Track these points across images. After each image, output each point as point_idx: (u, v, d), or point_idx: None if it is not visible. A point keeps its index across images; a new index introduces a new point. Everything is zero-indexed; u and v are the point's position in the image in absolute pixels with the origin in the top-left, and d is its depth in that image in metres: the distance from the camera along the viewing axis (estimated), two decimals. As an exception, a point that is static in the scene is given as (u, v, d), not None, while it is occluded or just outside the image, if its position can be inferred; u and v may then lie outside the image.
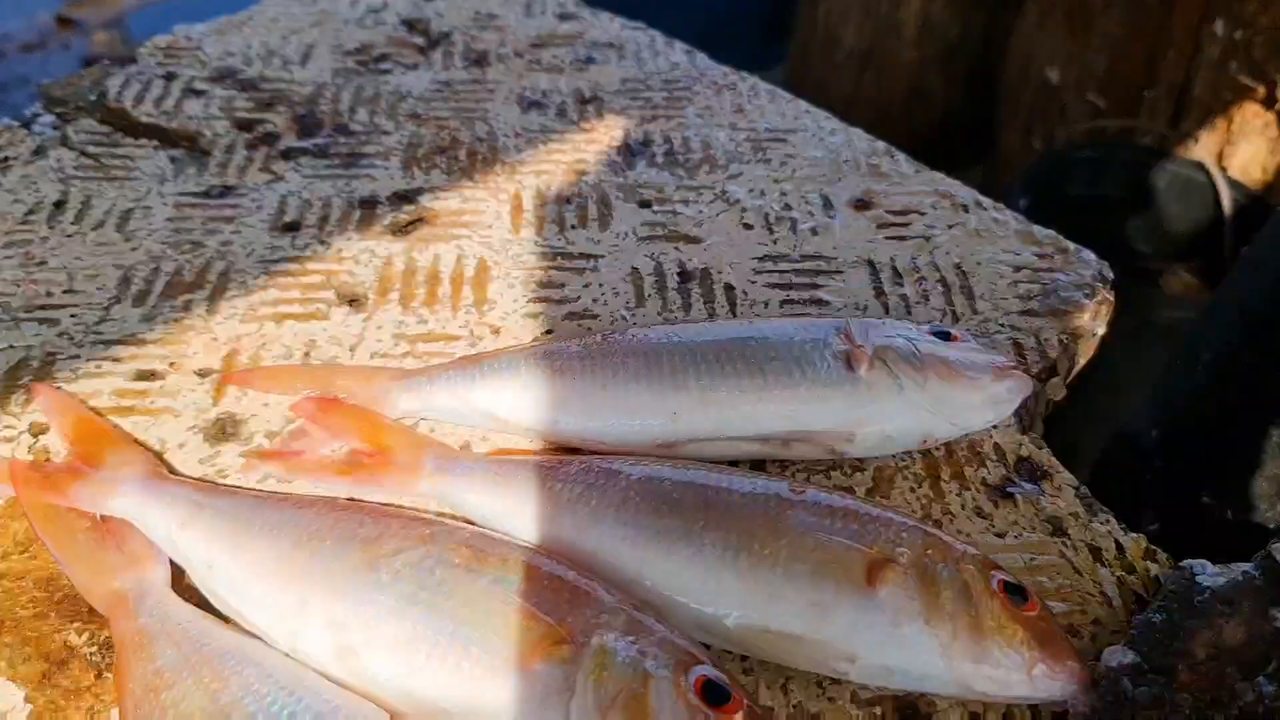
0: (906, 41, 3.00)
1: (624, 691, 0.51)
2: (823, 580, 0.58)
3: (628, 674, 0.52)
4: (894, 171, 0.97)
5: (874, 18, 3.02)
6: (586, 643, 0.53)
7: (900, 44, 3.01)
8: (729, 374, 0.69)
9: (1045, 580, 0.66)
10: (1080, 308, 0.84)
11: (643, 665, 0.52)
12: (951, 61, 3.03)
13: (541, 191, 0.92)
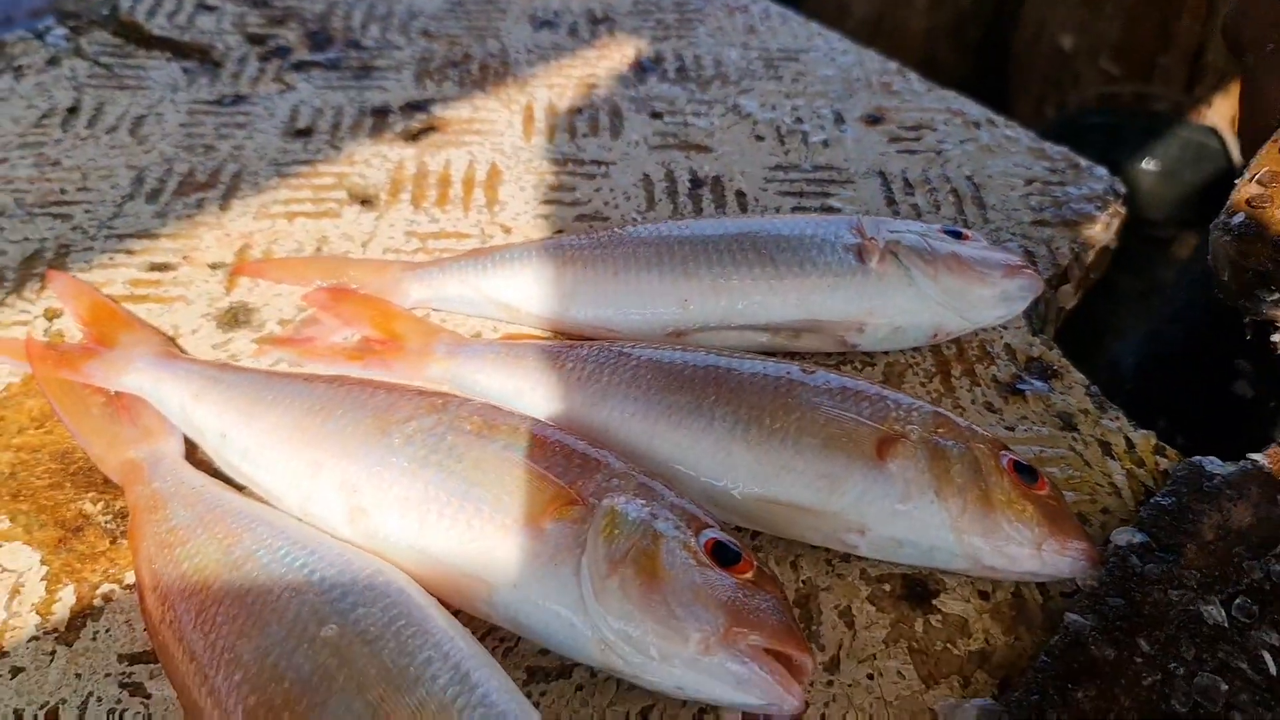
0: (917, 10, 2.99)
1: (635, 547, 0.52)
2: (833, 453, 0.58)
3: (639, 532, 0.52)
4: (906, 89, 0.97)
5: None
6: (597, 504, 0.53)
7: (910, 12, 3.00)
8: (740, 263, 0.69)
9: (1055, 471, 0.66)
10: (1091, 219, 0.84)
11: (653, 525, 0.53)
12: (962, 30, 3.02)
13: (553, 103, 0.92)
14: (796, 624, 0.52)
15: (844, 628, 0.57)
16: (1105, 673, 0.53)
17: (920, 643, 0.57)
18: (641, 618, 0.50)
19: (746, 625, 0.50)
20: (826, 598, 0.58)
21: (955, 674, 0.55)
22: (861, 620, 0.57)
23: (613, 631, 0.51)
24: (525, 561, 0.53)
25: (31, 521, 0.59)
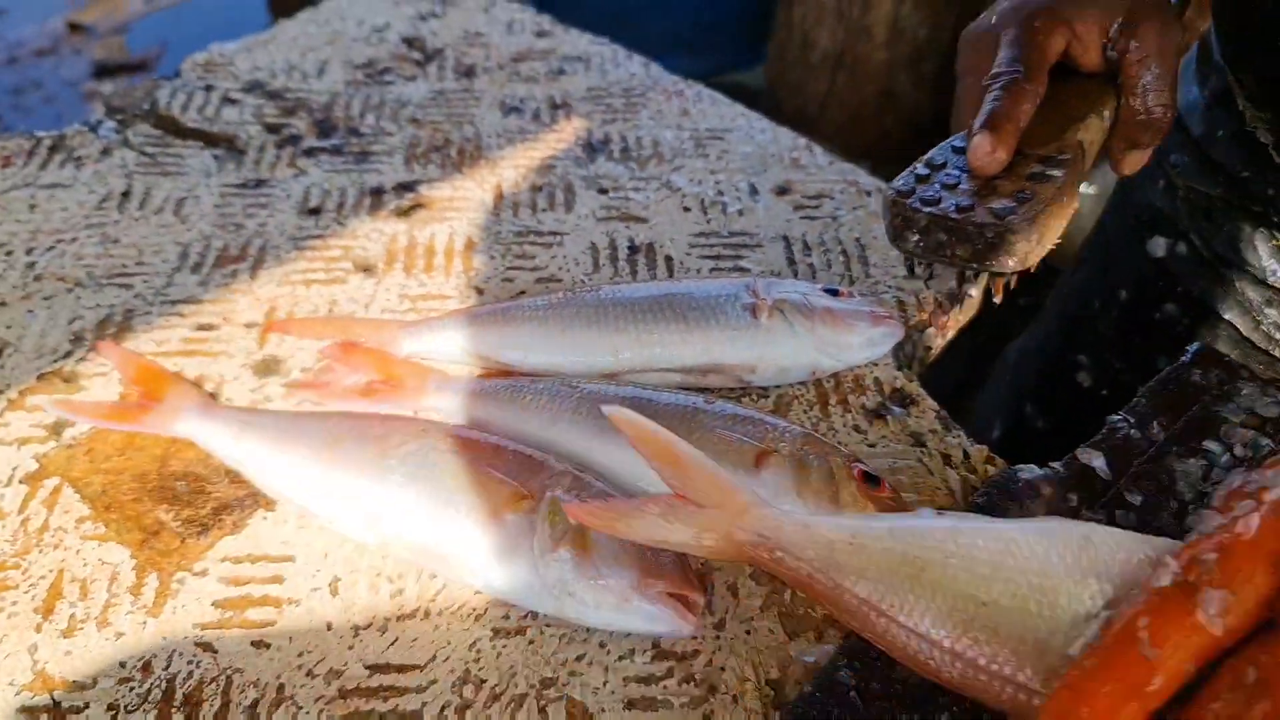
0: (877, 44, 3.19)
1: (572, 527, 0.72)
2: (722, 464, 0.78)
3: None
4: (811, 163, 1.17)
5: (845, 20, 3.20)
6: (543, 497, 0.74)
7: (871, 46, 3.20)
8: (659, 320, 0.89)
9: (904, 479, 0.86)
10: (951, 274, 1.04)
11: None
12: (920, 62, 3.22)
13: (518, 181, 1.12)
14: (692, 574, 0.72)
15: (730, 598, 0.77)
16: (919, 622, 0.73)
17: (787, 608, 0.76)
18: (578, 578, 0.71)
19: (654, 577, 0.71)
20: (719, 576, 0.78)
21: (812, 629, 0.75)
22: (744, 592, 0.77)
23: (559, 590, 0.71)
24: (494, 544, 0.73)
25: (121, 527, 0.79)
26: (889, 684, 0.69)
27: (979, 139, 0.76)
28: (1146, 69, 0.80)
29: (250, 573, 0.77)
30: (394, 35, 1.36)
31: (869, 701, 0.68)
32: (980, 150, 0.76)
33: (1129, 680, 0.48)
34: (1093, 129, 0.82)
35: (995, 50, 0.82)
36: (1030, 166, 0.78)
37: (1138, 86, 0.81)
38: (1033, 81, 0.78)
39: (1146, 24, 0.80)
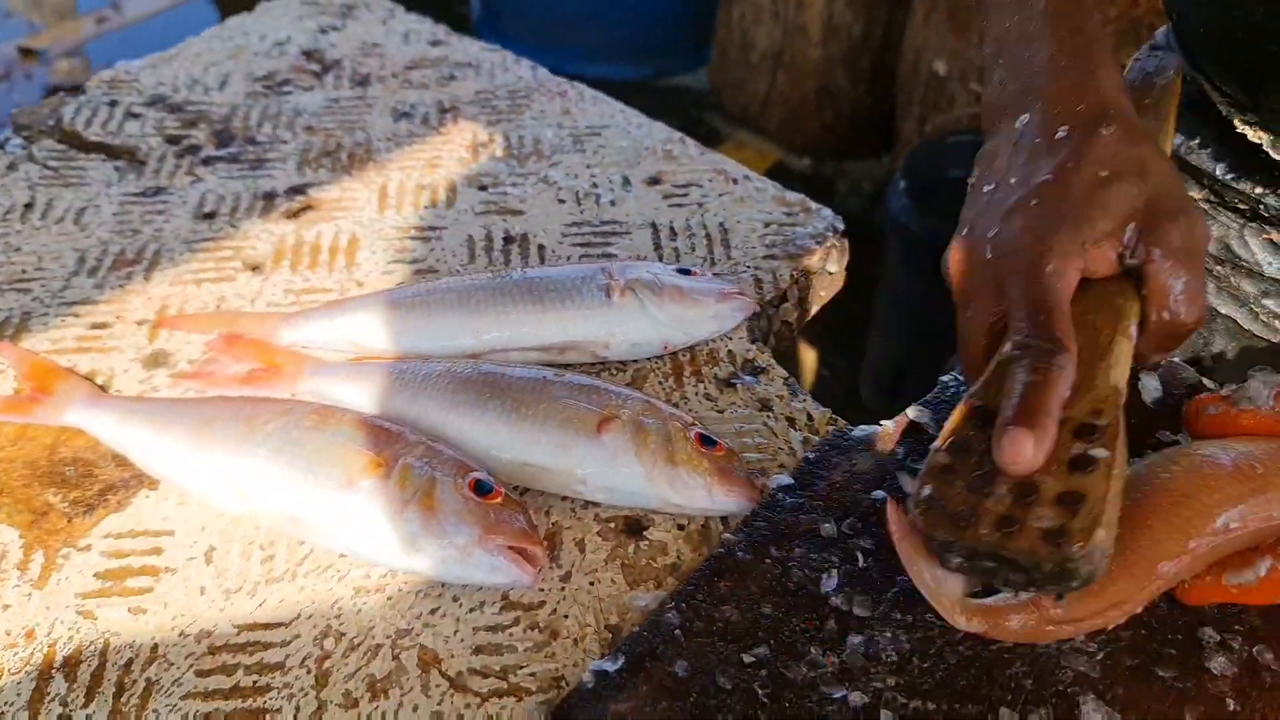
0: (813, 42, 3.27)
1: (420, 489, 0.79)
2: (566, 429, 0.85)
3: (422, 479, 0.79)
4: (683, 154, 1.24)
5: (782, 20, 3.27)
6: (396, 463, 0.80)
7: (807, 44, 3.27)
8: (517, 303, 0.96)
9: (749, 440, 0.92)
10: (811, 251, 1.11)
11: (432, 473, 0.80)
12: (856, 59, 3.29)
13: (403, 182, 1.19)
14: (533, 529, 0.80)
15: (578, 553, 0.83)
16: (742, 569, 0.79)
17: (630, 560, 0.83)
18: (426, 535, 0.78)
19: (495, 532, 0.78)
20: (568, 533, 0.85)
21: (652, 579, 0.82)
22: (590, 547, 0.84)
23: (410, 547, 0.78)
24: (353, 509, 0.80)
25: (11, 510, 0.85)
26: (711, 622, 0.76)
27: (1015, 439, 0.65)
28: (1175, 278, 0.71)
29: (131, 546, 0.83)
30: (294, 48, 1.42)
31: (691, 638, 0.75)
32: (1013, 455, 0.65)
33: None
34: (1123, 360, 0.72)
35: (998, 284, 0.73)
36: (1070, 447, 0.67)
37: (1167, 299, 0.71)
38: (1066, 358, 0.67)
39: (1169, 224, 0.71)
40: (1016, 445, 0.65)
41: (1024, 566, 0.63)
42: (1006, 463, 0.65)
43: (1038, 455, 0.65)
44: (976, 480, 0.67)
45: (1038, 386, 0.66)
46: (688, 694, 0.72)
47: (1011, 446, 0.65)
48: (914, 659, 0.74)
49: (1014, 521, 0.64)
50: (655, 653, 0.74)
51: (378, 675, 0.75)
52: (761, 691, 0.72)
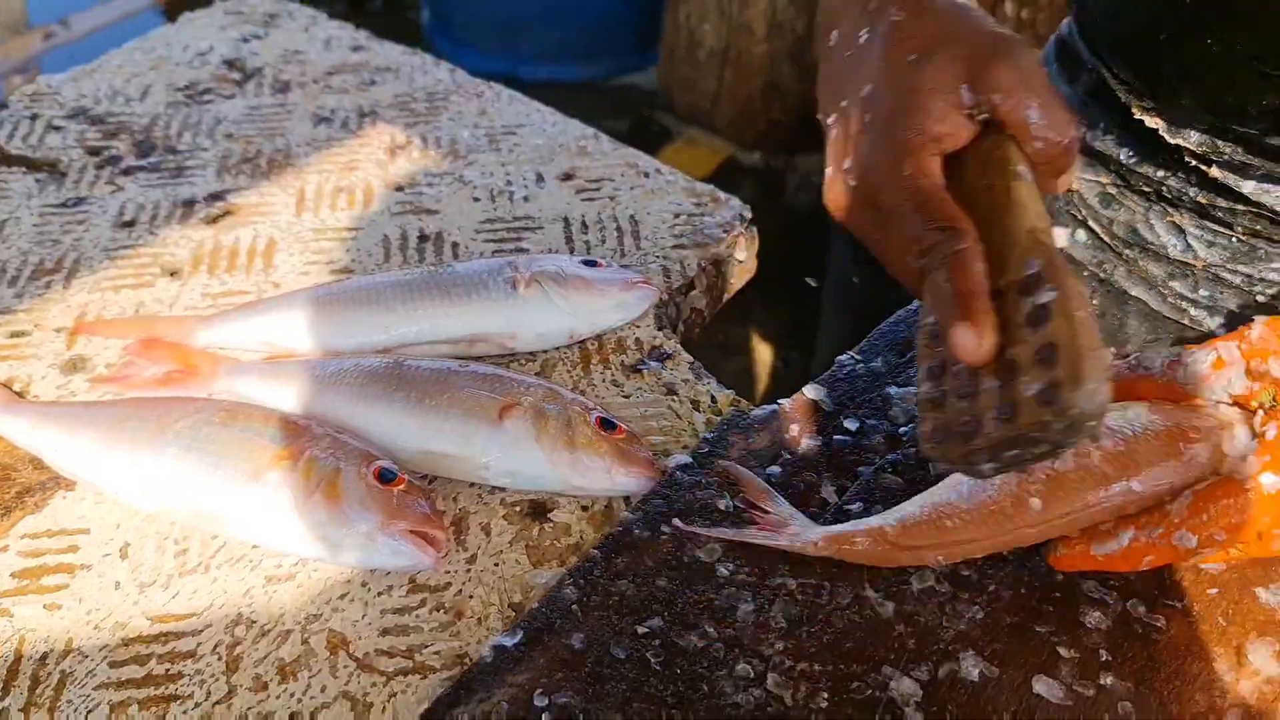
0: (758, 38, 3.30)
1: (324, 480, 0.81)
2: (469, 418, 0.88)
3: (327, 469, 0.82)
4: (597, 150, 1.27)
5: (728, 18, 3.31)
6: (302, 455, 0.83)
7: (753, 41, 3.30)
8: (425, 298, 0.99)
9: (653, 423, 0.96)
10: (719, 240, 1.14)
11: (337, 463, 0.82)
12: (801, 55, 3.33)
13: (321, 185, 1.21)
14: (435, 514, 0.83)
15: (483, 536, 0.86)
16: (638, 545, 0.82)
17: (535, 541, 0.86)
18: (330, 523, 0.81)
19: (397, 517, 0.81)
20: (474, 518, 0.87)
21: (555, 559, 0.84)
22: (496, 530, 0.86)
23: (315, 534, 0.81)
24: (260, 501, 0.82)
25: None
26: (607, 597, 0.79)
27: (959, 337, 0.65)
28: (1026, 109, 0.71)
29: (48, 545, 0.85)
30: (216, 57, 1.44)
31: (588, 612, 0.78)
32: (966, 349, 0.65)
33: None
34: (1027, 202, 0.71)
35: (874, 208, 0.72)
36: (1020, 309, 0.66)
37: (1029, 130, 0.71)
38: (964, 236, 0.67)
39: (993, 69, 0.71)
40: (961, 340, 0.65)
41: (1038, 437, 0.63)
42: (965, 359, 0.66)
43: (985, 337, 0.65)
44: (964, 389, 0.68)
45: (953, 276, 0.66)
46: (583, 664, 0.75)
47: (958, 343, 0.65)
48: (803, 625, 0.77)
49: (1010, 404, 0.64)
50: (553, 627, 0.77)
51: (287, 659, 0.78)
52: (654, 660, 0.75)
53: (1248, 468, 0.70)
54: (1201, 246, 0.99)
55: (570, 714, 0.72)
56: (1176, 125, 0.96)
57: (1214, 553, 0.72)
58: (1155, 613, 0.77)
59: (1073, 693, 0.73)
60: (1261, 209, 0.94)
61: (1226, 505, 0.70)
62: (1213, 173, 0.95)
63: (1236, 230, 0.97)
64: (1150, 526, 0.72)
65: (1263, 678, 0.73)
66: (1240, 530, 0.70)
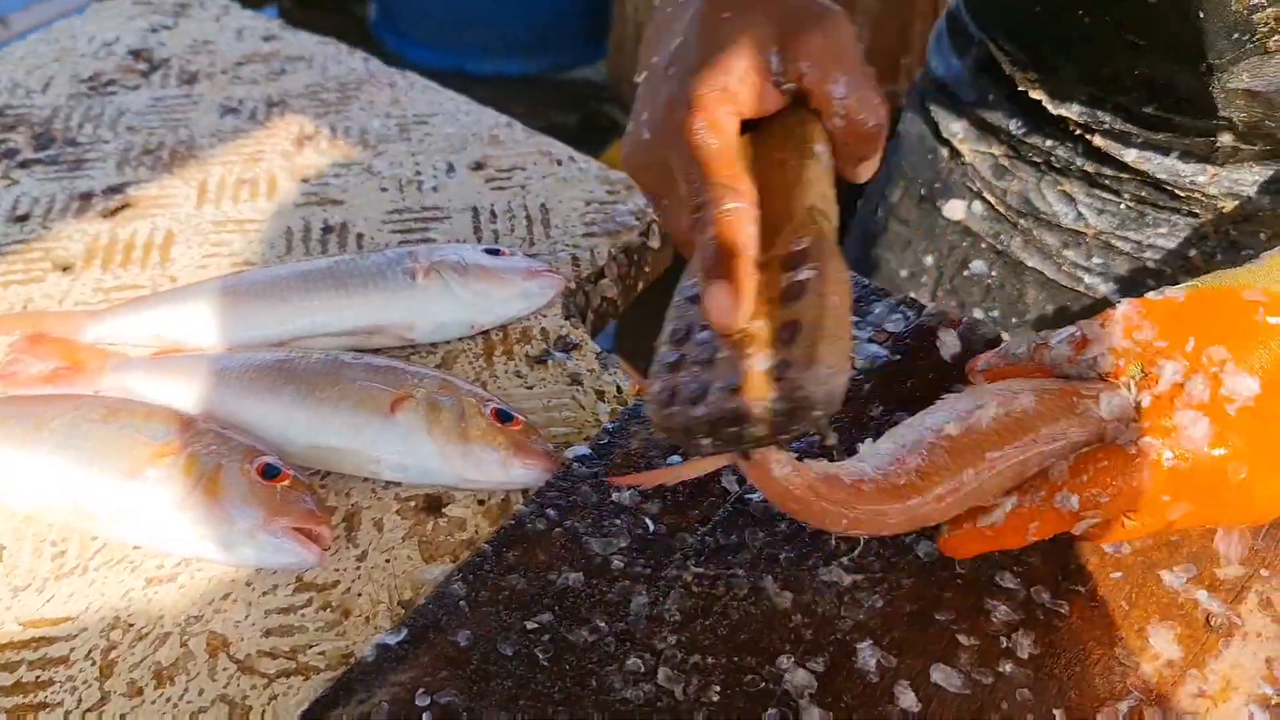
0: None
1: (205, 476, 0.79)
2: (359, 410, 0.85)
3: (208, 465, 0.79)
4: (510, 139, 1.24)
5: (675, 10, 3.29)
6: (183, 452, 0.80)
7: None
8: (321, 289, 0.96)
9: (556, 414, 0.93)
10: (630, 228, 1.12)
11: (218, 459, 0.80)
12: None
13: (224, 177, 1.18)
14: (322, 509, 0.80)
15: (375, 532, 0.84)
16: (531, 539, 0.80)
17: (428, 537, 0.83)
18: (210, 520, 0.78)
19: (279, 514, 0.78)
20: (367, 514, 0.85)
21: (449, 554, 0.82)
22: (388, 526, 0.84)
23: (195, 532, 0.78)
24: (137, 498, 0.80)
25: None
26: (497, 592, 0.76)
27: (713, 296, 0.62)
28: (833, 82, 0.68)
29: (-82, 550, 0.82)
30: (122, 48, 1.40)
31: (476, 608, 0.75)
32: (720, 309, 0.62)
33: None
34: (814, 180, 0.69)
35: (663, 164, 0.70)
36: (776, 281, 0.64)
37: (834, 107, 0.69)
38: (740, 196, 0.64)
39: (806, 36, 0.69)
40: (714, 298, 0.62)
41: (760, 415, 0.60)
42: (714, 320, 0.62)
43: (740, 302, 0.62)
44: (701, 356, 0.64)
45: (720, 234, 0.63)
46: (468, 662, 0.72)
47: (711, 301, 0.62)
48: (697, 618, 0.75)
49: (740, 376, 0.61)
50: (438, 624, 0.74)
51: (164, 663, 0.75)
52: (543, 656, 0.73)
53: (1128, 434, 0.69)
54: (1092, 214, 1.00)
55: (453, 713, 0.70)
56: (1059, 97, 0.97)
57: (1098, 517, 0.70)
58: (1059, 598, 0.76)
59: (971, 680, 0.71)
60: (1145, 177, 0.96)
61: (1107, 465, 0.68)
62: (1096, 142, 0.97)
63: (1124, 198, 0.99)
64: (1032, 491, 0.70)
65: (1163, 661, 0.72)
66: (1123, 493, 0.68)
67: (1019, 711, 0.70)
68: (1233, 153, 0.96)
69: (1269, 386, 0.67)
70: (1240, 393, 0.67)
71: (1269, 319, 0.69)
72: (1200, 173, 0.97)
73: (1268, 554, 0.78)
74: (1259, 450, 0.68)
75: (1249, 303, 0.70)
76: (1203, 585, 0.76)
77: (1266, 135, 0.94)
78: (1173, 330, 0.70)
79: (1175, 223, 1.00)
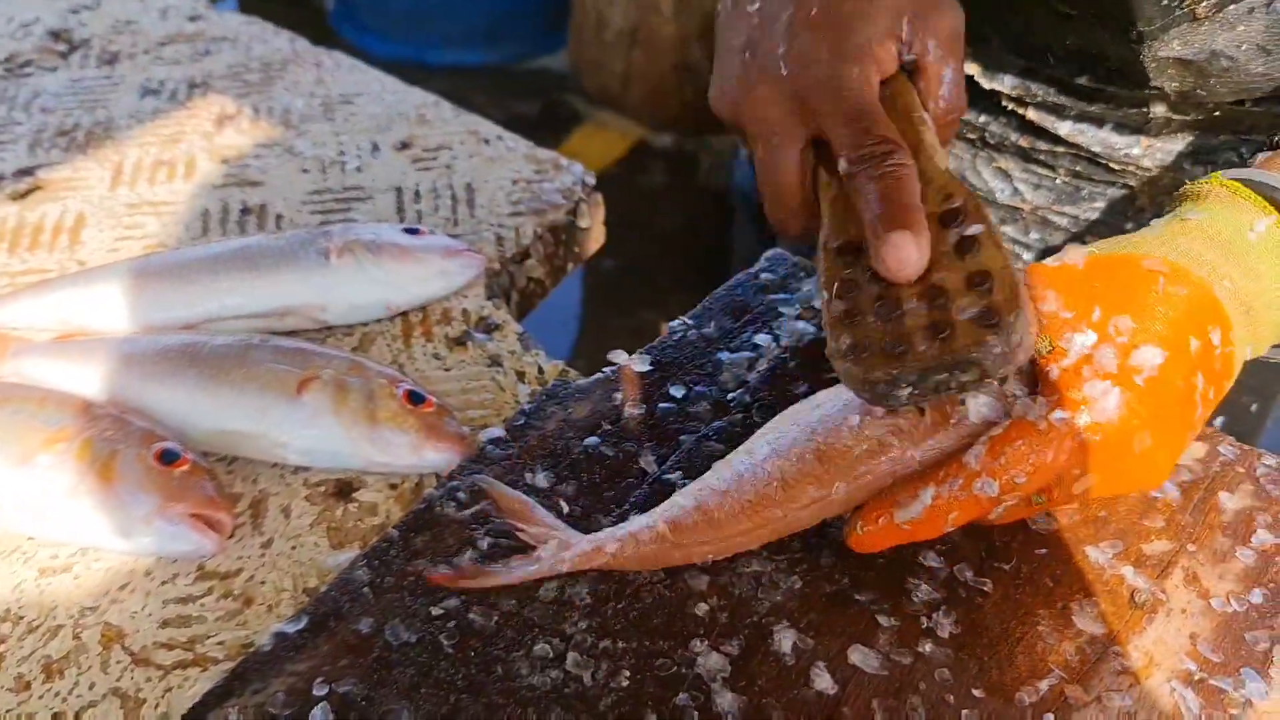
0: (666, 18, 3.25)
1: (100, 462, 0.76)
2: (265, 393, 0.83)
3: (103, 451, 0.76)
4: (437, 118, 1.22)
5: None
6: (78, 438, 0.77)
7: (660, 20, 3.25)
8: (230, 271, 0.93)
9: (474, 397, 0.91)
10: (557, 207, 1.09)
11: (114, 445, 0.77)
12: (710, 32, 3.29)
13: (141, 159, 1.15)
14: (222, 495, 0.78)
15: (282, 518, 0.81)
16: (439, 524, 0.77)
17: (337, 523, 0.81)
18: (105, 508, 0.75)
19: (176, 500, 0.75)
20: (274, 500, 0.82)
21: (358, 540, 0.79)
22: (296, 512, 0.81)
23: (90, 520, 0.76)
24: (29, 486, 0.77)
25: None
26: (402, 577, 0.74)
27: (896, 243, 0.63)
28: (946, 65, 0.72)
29: None
30: (41, 29, 1.37)
31: (380, 594, 0.73)
32: (905, 259, 0.63)
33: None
34: (937, 147, 0.70)
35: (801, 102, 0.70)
36: (946, 238, 0.66)
37: (940, 88, 0.72)
38: (904, 153, 0.66)
39: (937, 15, 0.71)
40: (899, 248, 0.63)
41: (973, 360, 0.62)
42: (895, 270, 0.64)
43: (922, 250, 0.64)
44: (881, 309, 0.65)
45: (893, 186, 0.65)
46: (369, 650, 0.70)
47: (895, 251, 0.63)
48: (609, 602, 0.73)
49: (941, 326, 0.63)
50: (340, 611, 0.72)
51: (55, 656, 0.72)
52: (447, 643, 0.70)
53: (1038, 408, 0.67)
54: (1028, 190, 0.99)
55: (352, 702, 0.67)
56: (991, 69, 0.96)
57: (1018, 500, 0.68)
58: (982, 576, 0.74)
59: (890, 661, 0.69)
60: (1079, 150, 0.94)
61: (1022, 446, 0.67)
62: (1030, 115, 0.96)
63: (1059, 172, 0.97)
64: (950, 479, 0.68)
65: (1085, 638, 0.70)
66: (1039, 471, 0.67)
67: (938, 691, 0.68)
68: (1165, 123, 0.94)
69: (1170, 356, 0.67)
70: (1148, 362, 0.66)
71: (1169, 289, 0.68)
72: (1134, 144, 0.96)
73: (1194, 529, 0.76)
74: (1161, 419, 0.67)
75: (1149, 272, 0.69)
76: (1129, 561, 0.74)
77: (1198, 104, 0.92)
78: (1077, 300, 0.69)
79: (1111, 196, 0.99)
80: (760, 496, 0.72)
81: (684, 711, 0.67)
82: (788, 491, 0.71)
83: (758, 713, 0.67)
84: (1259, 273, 0.71)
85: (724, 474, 0.74)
